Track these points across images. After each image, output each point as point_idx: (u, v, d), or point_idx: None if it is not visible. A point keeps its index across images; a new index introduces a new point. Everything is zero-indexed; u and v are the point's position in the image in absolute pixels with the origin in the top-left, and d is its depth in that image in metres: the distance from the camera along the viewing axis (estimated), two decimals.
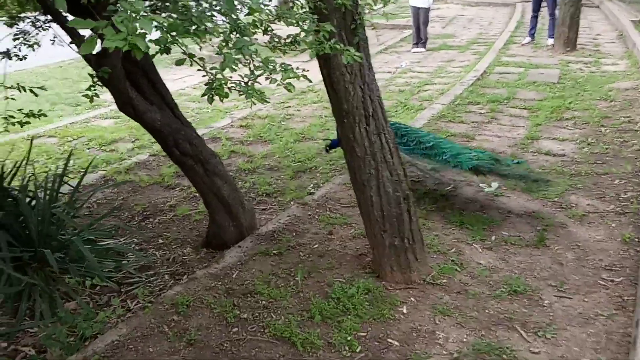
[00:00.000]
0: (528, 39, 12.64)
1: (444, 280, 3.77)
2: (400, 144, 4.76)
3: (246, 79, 2.34)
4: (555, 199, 4.91)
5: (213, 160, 4.30)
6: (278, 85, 2.35)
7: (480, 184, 5.27)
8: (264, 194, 5.55)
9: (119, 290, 4.02)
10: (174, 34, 2.46)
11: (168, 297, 3.71)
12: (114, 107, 9.46)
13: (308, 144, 6.99)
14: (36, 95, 4.05)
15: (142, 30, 1.51)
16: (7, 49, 4.14)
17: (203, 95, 2.31)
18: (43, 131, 8.38)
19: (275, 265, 4.05)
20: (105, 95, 10.74)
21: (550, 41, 11.84)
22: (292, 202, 5.27)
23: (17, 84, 4.08)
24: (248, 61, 2.59)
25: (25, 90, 4.04)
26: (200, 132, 7.63)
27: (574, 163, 5.71)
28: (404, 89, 9.51)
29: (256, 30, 2.98)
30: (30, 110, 4.25)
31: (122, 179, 6.06)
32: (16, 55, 4.43)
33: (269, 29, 2.99)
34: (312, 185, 5.71)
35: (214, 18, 2.22)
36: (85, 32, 2.84)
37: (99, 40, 1.63)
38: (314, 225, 4.65)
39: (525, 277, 3.79)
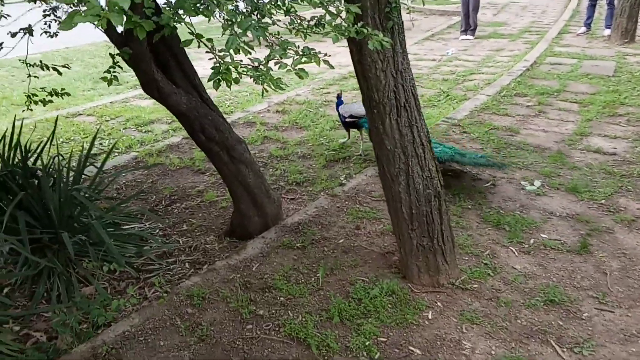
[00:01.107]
0: (583, 28, 12.06)
1: (475, 285, 3.53)
2: None
3: (256, 63, 2.15)
4: (603, 201, 4.57)
5: (239, 147, 4.14)
6: (288, 70, 2.15)
7: (522, 182, 4.98)
8: (294, 183, 5.37)
9: (138, 276, 3.92)
10: (180, 11, 2.29)
11: (184, 287, 3.58)
12: None
13: (343, 131, 6.77)
14: (60, 73, 3.96)
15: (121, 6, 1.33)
16: (29, 25, 4.05)
17: (209, 80, 2.13)
18: (82, 109, 8.40)
19: (297, 260, 3.87)
20: None
21: (607, 32, 11.26)
22: (321, 193, 5.07)
23: (40, 61, 3.99)
24: (270, 43, 2.42)
25: (48, 69, 3.95)
26: (235, 116, 7.60)
27: (625, 163, 5.34)
28: (448, 77, 9.16)
29: (277, 11, 2.79)
30: (52, 89, 4.14)
31: (153, 162, 5.98)
32: (46, 32, 4.35)
33: (292, 9, 2.79)
34: (344, 175, 5.50)
35: None
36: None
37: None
38: (341, 218, 4.45)
39: (564, 286, 3.52)
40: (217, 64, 2.03)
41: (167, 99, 3.87)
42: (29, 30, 4.03)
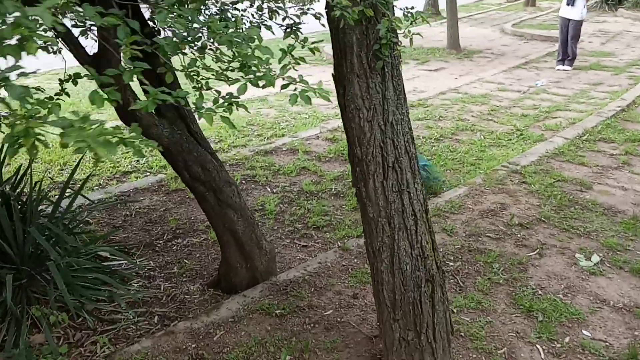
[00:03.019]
0: None
1: None
2: None
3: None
4: None
5: (227, 190, 3.62)
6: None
7: (577, 254, 4.11)
8: (313, 227, 4.78)
9: (95, 327, 3.48)
10: None
11: (128, 354, 3.10)
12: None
13: None
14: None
15: None
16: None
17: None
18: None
19: (270, 332, 3.28)
20: (231, 87, 10.65)
21: None
22: (338, 242, 4.45)
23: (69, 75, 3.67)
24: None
25: None
26: (281, 141, 7.11)
27: None
28: (528, 113, 8.21)
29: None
30: None
31: (175, 187, 5.60)
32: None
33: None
34: None
35: None
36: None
37: None
38: (342, 280, 3.81)
39: None
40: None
41: (147, 131, 3.42)
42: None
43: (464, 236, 4.39)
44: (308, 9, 3.16)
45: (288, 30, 2.92)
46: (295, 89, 1.95)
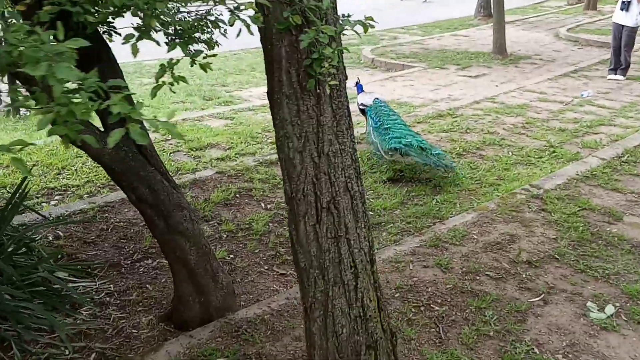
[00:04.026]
0: None
1: None
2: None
3: None
4: None
5: (177, 215, 3.22)
6: None
7: (589, 302, 3.52)
8: None
9: None
10: None
11: None
12: (249, 104, 8.97)
13: (405, 185, 5.59)
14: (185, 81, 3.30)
15: None
16: None
17: None
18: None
19: None
20: (252, 90, 10.33)
21: None
22: None
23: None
24: None
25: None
26: None
27: None
28: (567, 127, 7.50)
29: None
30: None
31: None
32: None
33: None
34: None
35: None
36: None
37: None
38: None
39: None
40: None
41: (86, 146, 3.06)
42: None
43: (460, 273, 3.86)
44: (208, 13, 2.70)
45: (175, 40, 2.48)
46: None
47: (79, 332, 3.40)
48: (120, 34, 2.56)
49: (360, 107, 6.61)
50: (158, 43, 2.53)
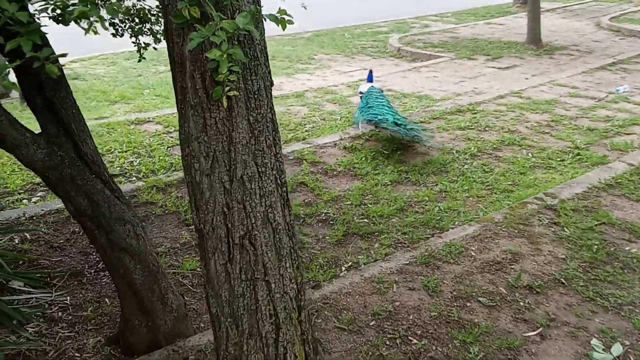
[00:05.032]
0: None
1: None
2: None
3: None
4: None
5: (120, 229, 2.87)
6: None
7: (594, 339, 3.05)
8: None
9: None
10: None
11: None
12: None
13: (408, 189, 5.15)
14: None
15: None
16: None
17: None
18: (155, 115, 7.67)
19: None
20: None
21: None
22: None
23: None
24: None
25: None
26: (291, 148, 6.28)
27: None
28: (597, 126, 6.89)
29: None
30: None
31: (145, 199, 4.93)
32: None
33: None
34: (349, 264, 3.97)
35: None
36: None
37: None
38: None
39: None
40: None
41: (14, 151, 2.72)
42: None
43: (449, 298, 3.42)
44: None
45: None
46: None
47: (19, 353, 3.10)
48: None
49: (359, 95, 6.95)
50: (106, 28, 2.17)
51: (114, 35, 3.47)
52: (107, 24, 2.11)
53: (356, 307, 3.31)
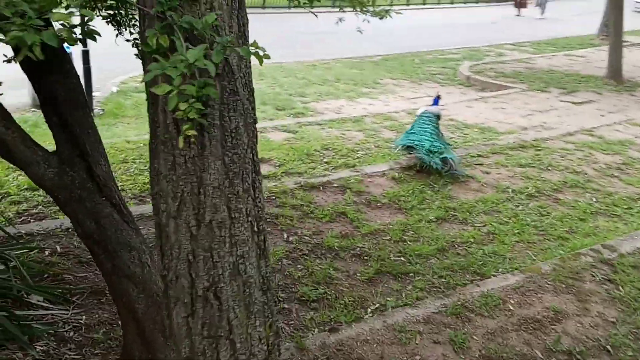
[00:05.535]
0: None
1: None
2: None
3: None
4: None
5: (125, 255, 2.77)
6: None
7: None
8: (298, 299, 3.77)
9: None
10: None
11: None
12: (320, 117, 8.51)
13: (454, 227, 4.86)
14: None
15: None
16: None
17: None
18: None
19: None
20: (330, 102, 9.85)
21: None
22: (314, 331, 3.41)
23: None
24: None
25: None
26: (337, 175, 6.08)
27: None
28: None
29: None
30: None
31: None
32: None
33: None
34: (376, 306, 3.73)
35: None
36: None
37: None
38: None
39: None
40: None
41: (25, 168, 2.69)
42: None
43: (476, 356, 3.12)
44: None
45: None
46: None
47: None
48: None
49: (415, 118, 6.80)
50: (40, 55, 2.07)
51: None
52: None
53: (372, 358, 3.06)
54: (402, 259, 4.36)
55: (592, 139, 7.54)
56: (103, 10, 3.14)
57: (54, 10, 1.42)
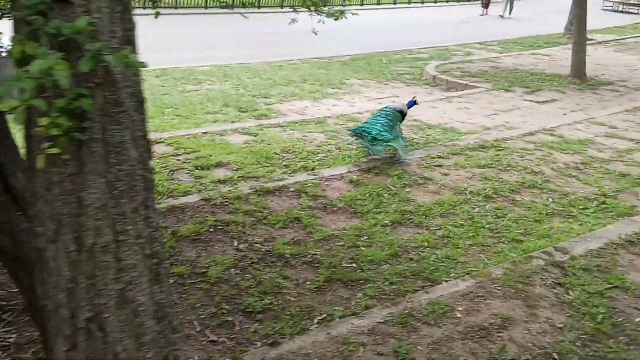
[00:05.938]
0: None
1: None
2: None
3: None
4: None
5: None
6: None
7: None
8: (242, 311, 3.65)
9: None
10: None
11: None
12: (283, 119, 8.38)
13: (409, 231, 4.78)
14: None
15: None
16: None
17: None
18: (167, 136, 7.50)
19: None
20: (294, 103, 9.74)
21: None
22: (257, 343, 3.30)
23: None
24: None
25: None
26: (294, 179, 5.98)
27: None
28: (631, 172, 6.37)
29: None
30: None
31: None
32: None
33: None
34: (323, 316, 3.62)
35: None
36: None
37: None
38: None
39: None
40: None
41: None
42: None
43: None
44: None
45: None
46: None
47: None
48: None
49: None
50: None
51: None
52: None
53: None
54: (353, 265, 4.26)
55: (552, 139, 7.54)
56: None
57: None
